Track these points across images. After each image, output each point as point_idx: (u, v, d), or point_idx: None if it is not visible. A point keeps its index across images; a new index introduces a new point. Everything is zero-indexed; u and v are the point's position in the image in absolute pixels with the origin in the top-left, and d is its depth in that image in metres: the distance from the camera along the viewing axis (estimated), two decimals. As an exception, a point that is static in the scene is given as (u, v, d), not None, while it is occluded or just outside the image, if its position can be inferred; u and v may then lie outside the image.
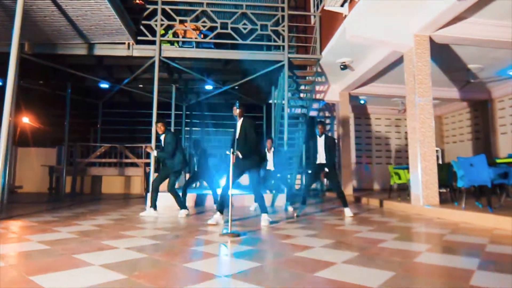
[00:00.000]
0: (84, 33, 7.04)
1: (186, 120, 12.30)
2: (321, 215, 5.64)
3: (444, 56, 7.66)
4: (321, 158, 5.66)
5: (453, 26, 6.08)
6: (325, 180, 11.93)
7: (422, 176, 5.89)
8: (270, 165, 6.55)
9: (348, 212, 5.45)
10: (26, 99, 11.12)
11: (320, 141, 5.68)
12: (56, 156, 11.56)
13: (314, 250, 2.87)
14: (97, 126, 12.13)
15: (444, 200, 6.13)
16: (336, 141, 5.87)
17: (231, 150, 3.99)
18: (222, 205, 4.44)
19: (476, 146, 11.79)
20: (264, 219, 4.40)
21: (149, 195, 5.51)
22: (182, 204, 5.46)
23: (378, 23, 6.20)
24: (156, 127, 5.53)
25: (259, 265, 2.39)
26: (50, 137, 12.30)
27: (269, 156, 6.56)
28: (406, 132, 13.56)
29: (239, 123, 4.53)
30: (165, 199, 6.91)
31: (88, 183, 11.72)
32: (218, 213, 4.45)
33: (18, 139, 11.87)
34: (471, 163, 4.88)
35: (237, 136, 4.49)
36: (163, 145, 5.44)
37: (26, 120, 12.29)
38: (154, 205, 5.39)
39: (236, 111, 4.47)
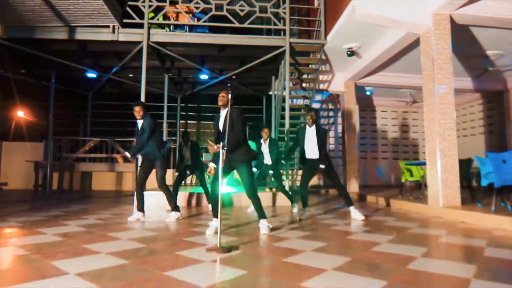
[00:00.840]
0: (63, 14, 6.32)
1: (181, 113, 11.60)
2: (327, 218, 4.96)
3: (461, 40, 6.89)
4: (311, 152, 4.95)
5: (476, 4, 5.35)
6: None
7: (441, 174, 5.19)
8: (266, 159, 5.84)
9: (356, 214, 4.77)
10: (9, 89, 10.43)
11: (311, 132, 4.96)
12: (43, 151, 10.88)
13: (326, 276, 2.19)
14: (87, 118, 11.43)
15: (463, 200, 5.41)
16: (327, 133, 5.08)
17: (220, 144, 3.27)
18: (216, 210, 3.66)
19: (489, 140, 11.08)
20: (264, 226, 3.71)
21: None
22: (174, 204, 4.74)
23: (392, 1, 5.46)
24: (134, 112, 4.73)
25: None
26: (38, 130, 11.61)
27: (265, 147, 5.83)
28: (414, 126, 12.90)
29: (223, 113, 3.75)
30: (155, 197, 6.29)
31: (77, 180, 11.05)
32: (214, 219, 3.76)
33: (2, 133, 11.20)
34: (504, 159, 4.19)
35: (221, 128, 3.73)
36: (139, 132, 4.69)
37: (11, 112, 11.59)
38: (141, 208, 4.70)
39: (224, 98, 3.66)
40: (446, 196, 5.16)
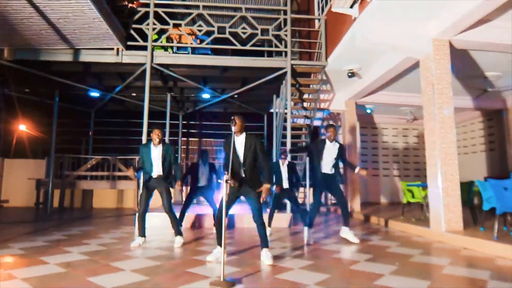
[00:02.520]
0: (68, 37, 6.42)
1: (183, 130, 11.66)
2: (330, 243, 4.94)
3: (460, 63, 6.99)
4: (327, 167, 4.95)
5: (475, 29, 5.45)
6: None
7: (443, 198, 5.20)
8: (285, 183, 5.77)
9: (349, 235, 4.77)
10: (12, 108, 10.53)
11: (330, 148, 4.97)
12: (45, 168, 10.90)
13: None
14: (89, 135, 11.49)
15: (465, 222, 5.40)
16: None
17: (226, 175, 3.29)
18: (221, 237, 3.65)
19: (490, 158, 11.10)
20: (267, 256, 3.69)
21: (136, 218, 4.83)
22: (179, 229, 4.75)
23: (392, 26, 5.56)
24: (153, 135, 4.68)
25: None
26: (39, 147, 11.65)
27: (283, 170, 5.79)
28: (414, 143, 12.94)
29: (240, 140, 3.82)
30: (157, 218, 6.28)
31: (78, 197, 11.04)
32: (218, 247, 3.77)
33: (4, 150, 11.24)
34: (505, 186, 4.21)
35: (241, 158, 3.77)
36: (162, 158, 4.71)
37: (14, 130, 11.66)
38: (143, 233, 4.72)
39: (237, 125, 3.71)
40: (448, 221, 5.16)
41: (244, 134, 3.83)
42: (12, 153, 11.41)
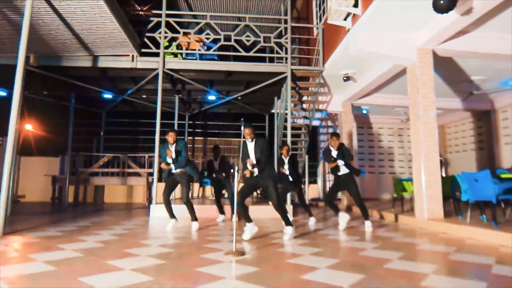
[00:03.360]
0: (89, 46, 7.10)
1: (189, 130, 12.33)
2: (326, 229, 5.61)
3: (447, 68, 7.67)
4: (342, 169, 5.59)
5: (456, 39, 6.09)
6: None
7: (426, 190, 5.86)
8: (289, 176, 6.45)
9: (368, 227, 5.44)
10: (29, 108, 11.22)
11: (336, 153, 5.61)
12: (59, 166, 11.58)
13: (320, 272, 2.86)
14: (100, 135, 12.16)
15: (448, 213, 6.08)
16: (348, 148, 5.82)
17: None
18: (247, 216, 4.55)
19: (480, 156, 11.75)
20: (288, 232, 4.53)
21: (152, 206, 5.46)
22: (195, 216, 5.45)
23: (381, 37, 6.22)
24: (168, 136, 5.46)
25: (265, 290, 2.37)
26: (53, 146, 12.33)
27: (286, 165, 6.45)
28: (409, 142, 13.58)
29: (252, 144, 4.59)
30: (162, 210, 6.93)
31: (91, 193, 11.71)
32: (247, 224, 4.52)
33: (21, 148, 11.92)
34: (475, 178, 4.86)
35: (253, 156, 4.54)
36: (174, 154, 5.41)
37: (30, 129, 12.34)
38: (172, 215, 5.47)
39: (250, 133, 4.52)
40: (430, 210, 5.82)
41: (255, 140, 4.55)
42: (26, 151, 12.10)
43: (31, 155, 12.06)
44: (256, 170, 4.52)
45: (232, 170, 4.03)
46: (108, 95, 10.12)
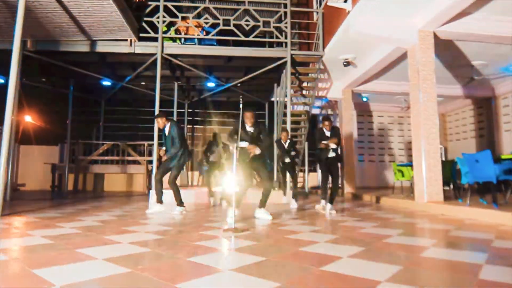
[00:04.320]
0: (86, 29, 7.02)
1: (188, 118, 12.28)
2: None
3: (447, 52, 7.61)
4: (330, 152, 5.54)
5: (457, 21, 6.03)
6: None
7: (426, 173, 5.85)
8: (287, 158, 6.50)
9: (326, 207, 5.39)
10: (28, 96, 11.13)
11: (329, 135, 5.58)
12: (58, 154, 11.56)
13: (319, 245, 2.85)
14: (100, 123, 12.12)
15: (447, 198, 6.09)
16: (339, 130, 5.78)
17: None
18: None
19: (479, 144, 11.73)
20: (260, 214, 4.50)
21: (152, 192, 5.45)
22: (180, 200, 5.34)
23: (382, 19, 6.16)
24: (156, 123, 5.39)
25: (263, 259, 2.36)
26: (52, 134, 12.28)
27: (285, 146, 6.54)
28: (409, 130, 13.55)
29: (251, 128, 4.57)
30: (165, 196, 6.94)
31: (90, 181, 11.70)
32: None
33: (20, 137, 11.89)
34: (476, 159, 4.84)
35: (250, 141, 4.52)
36: (166, 138, 5.33)
37: (29, 118, 12.29)
38: (160, 199, 5.36)
39: (251, 118, 4.50)
40: (430, 193, 5.81)
41: (255, 126, 4.57)
42: (25, 139, 12.07)
43: (30, 144, 12.04)
44: (244, 144, 4.47)
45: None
46: (107, 82, 10.06)
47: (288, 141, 6.51)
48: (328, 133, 5.48)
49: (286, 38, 8.10)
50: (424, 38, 6.10)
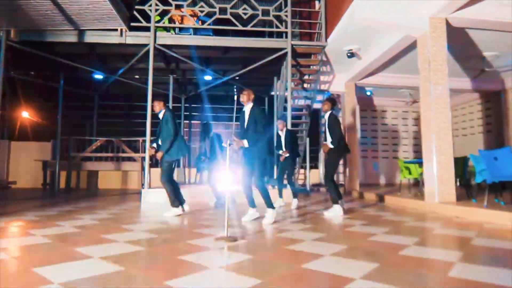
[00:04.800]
0: (73, 18, 6.57)
1: (185, 113, 11.84)
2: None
3: (458, 42, 7.12)
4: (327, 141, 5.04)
5: (471, 7, 5.56)
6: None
7: (437, 171, 5.41)
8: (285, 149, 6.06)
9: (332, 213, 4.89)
10: (20, 91, 10.74)
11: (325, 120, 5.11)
12: (51, 151, 11.15)
13: (324, 260, 2.43)
14: (93, 119, 11.69)
15: (459, 197, 5.64)
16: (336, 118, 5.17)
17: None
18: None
19: (487, 139, 11.28)
20: (269, 215, 4.03)
21: (143, 191, 5.01)
22: (175, 202, 4.86)
23: (390, 5, 5.68)
24: (152, 107, 5.00)
25: (257, 284, 1.94)
26: (45, 130, 11.87)
27: (282, 136, 6.10)
28: (414, 125, 13.11)
29: (247, 109, 4.18)
30: (156, 194, 6.55)
31: (84, 178, 11.31)
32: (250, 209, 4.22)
33: (11, 133, 11.49)
34: (495, 156, 4.41)
35: (245, 125, 4.13)
36: (161, 125, 4.81)
37: (22, 113, 11.88)
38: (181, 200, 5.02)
39: (245, 96, 4.16)
40: (441, 192, 5.38)
41: (251, 105, 4.09)
42: (17, 136, 11.67)
43: (22, 140, 11.63)
44: (245, 142, 4.06)
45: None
46: (99, 76, 9.61)
47: (285, 130, 6.07)
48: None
49: (286, 27, 7.64)
50: (435, 25, 5.63)
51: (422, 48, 5.82)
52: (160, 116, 4.87)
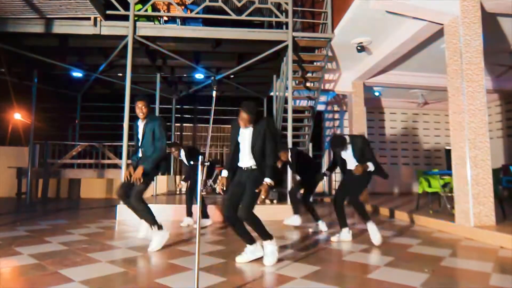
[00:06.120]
0: (35, 3, 5.58)
1: (176, 115, 10.83)
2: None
3: (487, 33, 6.11)
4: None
5: (511, -13, 4.57)
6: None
7: (472, 187, 4.39)
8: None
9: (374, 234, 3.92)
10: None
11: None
12: (29, 156, 10.15)
13: None
14: (76, 121, 10.69)
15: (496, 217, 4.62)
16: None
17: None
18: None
19: (508, 144, 10.26)
20: (270, 252, 3.01)
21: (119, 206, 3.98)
22: (153, 220, 3.70)
23: (412, -16, 4.70)
24: (136, 108, 3.74)
25: None
26: (25, 135, 10.89)
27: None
28: (425, 129, 12.07)
29: (248, 130, 3.11)
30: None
31: (65, 187, 10.31)
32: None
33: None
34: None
35: (246, 146, 3.11)
36: (143, 136, 3.73)
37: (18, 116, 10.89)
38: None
39: (247, 118, 3.04)
40: (478, 214, 4.36)
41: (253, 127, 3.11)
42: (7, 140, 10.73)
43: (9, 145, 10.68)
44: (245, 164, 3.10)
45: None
46: (77, 73, 8.62)
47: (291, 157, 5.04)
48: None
49: (287, 17, 6.64)
50: (468, 9, 4.63)
51: (451, 37, 4.80)
52: (142, 124, 3.82)
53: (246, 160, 3.11)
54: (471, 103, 4.52)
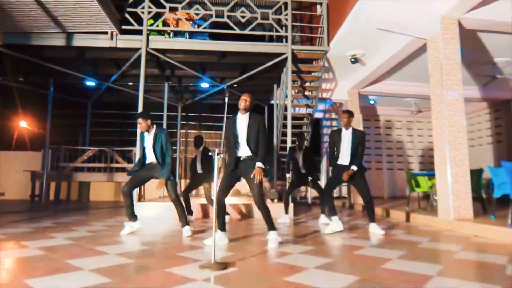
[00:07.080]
0: (59, 19, 6.18)
1: (182, 122, 11.39)
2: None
3: (469, 47, 6.68)
4: (344, 158, 4.66)
5: (486, 7, 5.15)
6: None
7: (452, 185, 4.92)
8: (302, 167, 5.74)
9: (376, 229, 4.44)
10: (7, 98, 10.34)
11: (347, 135, 4.67)
12: (41, 161, 10.69)
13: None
14: (86, 127, 11.25)
15: (475, 213, 5.12)
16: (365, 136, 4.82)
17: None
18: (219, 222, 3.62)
19: (497, 150, 10.78)
20: (273, 239, 3.49)
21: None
22: (185, 219, 4.31)
23: (398, 4, 5.28)
24: (138, 125, 4.33)
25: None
26: (38, 139, 11.44)
27: (299, 156, 5.76)
28: (419, 135, 12.63)
29: (243, 118, 3.63)
30: (148, 208, 6.10)
31: (75, 190, 10.82)
32: (218, 232, 3.56)
33: (2, 142, 11.08)
34: (520, 168, 3.93)
35: (242, 134, 3.58)
36: (155, 145, 4.30)
37: (24, 123, 11.48)
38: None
39: (247, 102, 3.61)
40: (457, 208, 4.88)
41: (248, 114, 3.65)
42: (7, 145, 11.24)
43: (16, 149, 11.20)
44: (243, 153, 3.59)
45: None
46: (90, 83, 9.21)
47: (304, 148, 5.80)
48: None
49: (286, 32, 7.24)
50: (447, 26, 5.21)
51: (433, 51, 5.38)
52: (150, 136, 4.37)
53: (243, 149, 3.58)
54: (450, 109, 5.07)
